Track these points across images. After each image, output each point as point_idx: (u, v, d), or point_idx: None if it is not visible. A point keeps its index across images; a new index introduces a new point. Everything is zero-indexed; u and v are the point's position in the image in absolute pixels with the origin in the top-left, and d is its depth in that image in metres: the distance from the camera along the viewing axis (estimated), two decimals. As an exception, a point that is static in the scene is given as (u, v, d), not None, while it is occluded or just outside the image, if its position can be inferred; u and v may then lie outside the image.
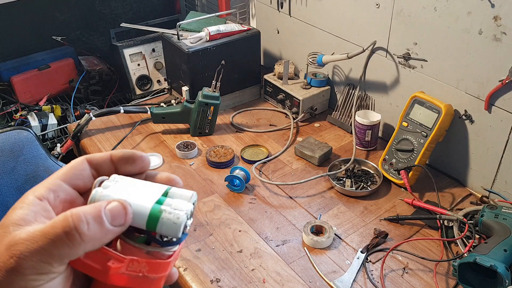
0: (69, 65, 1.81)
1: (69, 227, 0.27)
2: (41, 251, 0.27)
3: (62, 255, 0.28)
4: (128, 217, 0.30)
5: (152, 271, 0.31)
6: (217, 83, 1.32)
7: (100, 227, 0.29)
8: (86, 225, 0.28)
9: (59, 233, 0.27)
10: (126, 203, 0.31)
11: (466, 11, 1.00)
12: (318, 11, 1.40)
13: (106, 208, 0.29)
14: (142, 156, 0.35)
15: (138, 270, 0.31)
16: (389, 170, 1.16)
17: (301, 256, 0.97)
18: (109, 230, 0.29)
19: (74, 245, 0.27)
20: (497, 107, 1.02)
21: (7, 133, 0.96)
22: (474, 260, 0.82)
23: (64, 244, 0.27)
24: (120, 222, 0.30)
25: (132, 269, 0.31)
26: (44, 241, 0.27)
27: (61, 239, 0.27)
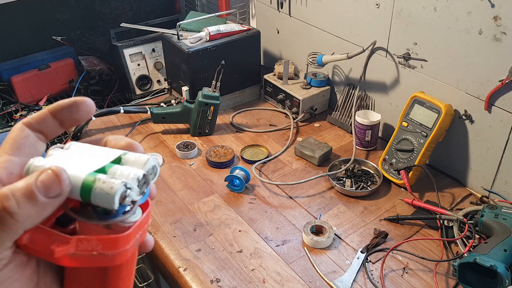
0: (69, 65, 1.81)
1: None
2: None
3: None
4: (64, 184, 0.26)
5: (107, 248, 0.28)
6: (217, 83, 1.32)
7: (33, 202, 0.25)
8: (16, 204, 0.25)
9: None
10: (59, 169, 0.27)
11: (466, 11, 1.00)
12: (318, 11, 1.40)
13: (38, 180, 0.26)
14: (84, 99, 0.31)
15: (90, 249, 0.28)
16: (389, 170, 1.16)
17: (301, 256, 0.97)
18: (45, 203, 0.26)
19: (8, 227, 0.25)
20: (497, 107, 1.02)
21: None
22: (474, 260, 0.82)
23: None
24: (55, 192, 0.26)
25: (82, 248, 0.28)
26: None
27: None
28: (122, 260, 0.29)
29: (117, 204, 0.27)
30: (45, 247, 0.27)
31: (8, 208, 0.25)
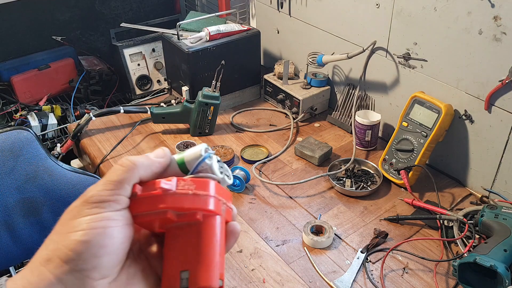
0: (69, 65, 1.81)
1: (122, 160, 0.36)
2: (105, 182, 0.34)
3: (121, 180, 0.35)
4: (166, 153, 0.38)
5: (199, 188, 0.35)
6: (217, 83, 1.32)
7: (146, 158, 0.37)
8: (135, 157, 0.36)
9: (117, 166, 0.36)
10: (165, 148, 0.39)
11: (466, 11, 1.00)
12: (318, 11, 1.40)
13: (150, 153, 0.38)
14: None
15: (186, 187, 0.35)
16: (389, 170, 1.16)
17: (301, 256, 0.97)
18: (154, 160, 0.37)
19: (129, 169, 0.35)
20: (497, 107, 1.02)
21: (7, 133, 0.96)
22: (474, 260, 0.82)
23: (121, 171, 0.35)
24: (160, 155, 0.38)
25: (181, 187, 0.35)
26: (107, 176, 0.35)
27: (118, 168, 0.35)
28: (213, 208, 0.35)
29: (203, 151, 0.38)
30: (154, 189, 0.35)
31: (131, 158, 0.36)
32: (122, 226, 0.34)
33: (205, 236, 0.35)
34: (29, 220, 0.98)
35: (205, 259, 0.35)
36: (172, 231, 0.36)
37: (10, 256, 0.98)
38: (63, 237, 0.33)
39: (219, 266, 0.35)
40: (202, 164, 0.38)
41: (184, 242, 0.36)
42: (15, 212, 0.96)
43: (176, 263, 0.35)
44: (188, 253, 0.35)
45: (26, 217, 0.97)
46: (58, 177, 0.99)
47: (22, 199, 0.96)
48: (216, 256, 0.35)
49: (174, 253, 0.36)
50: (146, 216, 0.35)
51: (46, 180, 0.98)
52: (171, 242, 0.36)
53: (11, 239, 0.96)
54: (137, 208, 0.35)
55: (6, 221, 0.95)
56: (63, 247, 0.32)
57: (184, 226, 0.36)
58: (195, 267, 0.35)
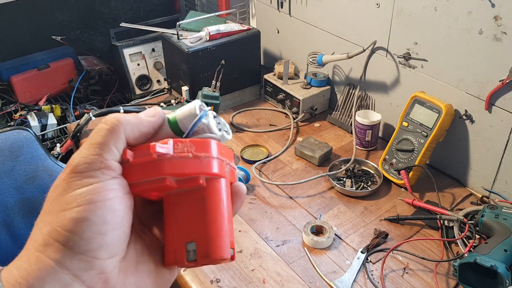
0: (68, 65, 1.81)
1: (106, 118, 0.31)
2: (90, 146, 0.30)
3: (107, 142, 0.30)
4: (157, 111, 0.34)
5: (199, 149, 0.32)
6: (217, 83, 1.31)
7: (134, 116, 0.32)
8: (121, 115, 0.32)
9: (100, 125, 0.31)
10: (157, 107, 0.34)
11: (467, 11, 1.00)
12: (318, 11, 1.40)
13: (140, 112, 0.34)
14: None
15: (185, 150, 0.31)
16: (389, 170, 1.16)
17: (301, 256, 0.96)
18: (143, 118, 0.33)
19: (113, 128, 0.31)
20: (498, 107, 1.02)
21: (7, 133, 0.96)
22: (475, 260, 0.82)
23: (106, 130, 0.30)
24: (151, 114, 0.33)
25: (179, 150, 0.31)
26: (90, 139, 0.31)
27: (102, 128, 0.31)
28: (217, 170, 0.32)
29: (198, 110, 0.33)
30: (149, 154, 0.31)
31: (116, 116, 0.31)
32: (122, 196, 0.30)
33: (210, 202, 0.32)
34: (28, 220, 0.97)
35: (213, 227, 0.32)
36: (171, 199, 0.33)
37: (10, 257, 0.97)
38: (57, 216, 0.29)
39: (228, 234, 0.32)
40: (198, 124, 0.33)
41: (186, 210, 0.32)
42: (15, 212, 0.96)
43: (180, 234, 0.32)
44: (193, 222, 0.32)
45: (25, 217, 0.97)
46: (58, 177, 0.99)
47: (21, 199, 0.96)
48: (225, 223, 0.32)
49: (177, 224, 0.32)
50: (140, 184, 0.31)
51: (46, 180, 0.98)
52: (172, 211, 0.33)
53: (11, 239, 0.96)
54: (131, 176, 0.31)
55: (6, 221, 0.95)
56: (59, 228, 0.28)
57: (185, 193, 0.32)
58: (202, 237, 0.31)
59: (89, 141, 0.30)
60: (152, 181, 0.31)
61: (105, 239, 0.29)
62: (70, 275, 0.28)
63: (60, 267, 0.28)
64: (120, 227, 0.30)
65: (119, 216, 0.30)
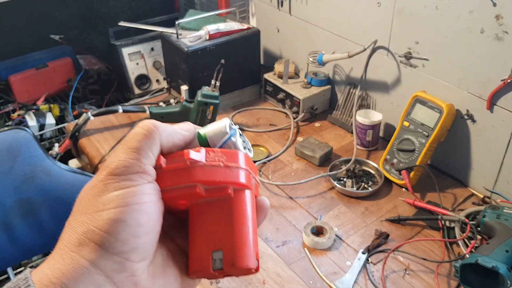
0: (67, 64, 1.80)
1: (144, 123, 0.32)
2: (128, 150, 0.31)
3: (145, 147, 0.31)
4: (191, 126, 0.35)
5: (230, 160, 0.33)
6: (216, 82, 1.31)
7: (169, 126, 0.34)
8: (158, 122, 0.33)
9: (138, 130, 0.32)
10: (190, 123, 0.36)
11: (468, 10, 0.99)
12: (319, 10, 1.39)
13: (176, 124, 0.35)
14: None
15: (216, 159, 0.32)
16: (390, 170, 1.15)
17: (301, 257, 0.96)
18: (177, 130, 0.34)
19: (151, 134, 0.32)
20: (499, 107, 1.01)
21: (5, 132, 0.95)
22: (476, 261, 0.81)
23: (144, 136, 0.31)
24: (186, 129, 0.35)
25: (211, 159, 0.32)
26: (128, 143, 0.32)
27: (139, 132, 0.32)
28: (245, 181, 0.33)
29: (228, 128, 0.35)
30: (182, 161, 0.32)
31: (154, 122, 0.33)
32: (156, 201, 0.31)
33: (237, 212, 0.33)
34: (27, 220, 0.97)
35: (240, 237, 0.32)
36: (199, 208, 0.33)
37: (8, 257, 0.97)
38: (93, 217, 0.29)
39: (254, 244, 0.33)
40: (228, 142, 0.35)
41: (213, 219, 0.33)
42: (13, 212, 0.95)
43: (206, 243, 0.32)
44: (219, 231, 0.32)
45: (24, 217, 0.96)
46: (56, 177, 0.98)
47: (19, 199, 0.95)
48: (251, 234, 0.33)
49: (203, 232, 0.33)
50: (171, 191, 0.32)
51: (44, 180, 0.97)
52: (198, 219, 0.33)
53: (9, 239, 0.95)
54: (163, 182, 0.32)
55: (4, 222, 0.94)
56: (95, 228, 0.29)
57: (212, 202, 0.33)
58: (229, 246, 0.32)
59: (127, 145, 0.31)
60: (183, 188, 0.32)
61: (138, 242, 0.29)
62: (103, 276, 0.28)
63: (95, 267, 0.28)
64: (152, 231, 0.31)
65: (153, 220, 0.31)
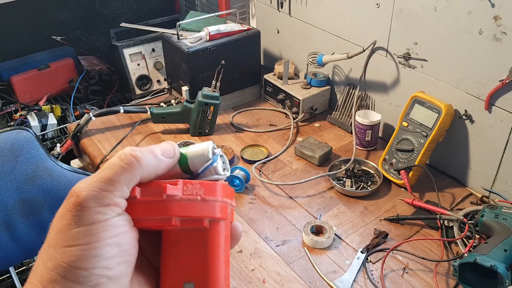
0: (68, 65, 1.81)
1: (125, 154, 0.30)
2: (102, 180, 0.29)
3: (121, 181, 0.30)
4: (176, 151, 0.34)
5: (208, 192, 0.32)
6: (217, 83, 1.32)
7: (153, 155, 0.32)
8: (141, 153, 0.31)
9: (116, 161, 0.30)
10: (173, 143, 0.34)
11: (466, 11, 1.00)
12: (318, 11, 1.40)
13: (158, 145, 0.33)
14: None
15: (194, 193, 0.32)
16: (389, 170, 1.16)
17: (301, 256, 0.96)
18: (161, 159, 0.32)
19: (131, 168, 0.30)
20: (497, 107, 1.02)
21: (7, 133, 0.96)
22: (474, 260, 0.82)
23: (122, 169, 0.30)
24: (169, 154, 0.33)
25: (188, 192, 0.32)
26: (103, 172, 0.30)
27: (120, 165, 0.30)
28: (221, 214, 0.32)
29: (211, 153, 0.34)
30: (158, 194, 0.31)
31: (135, 154, 0.31)
32: (129, 231, 0.30)
33: (211, 245, 0.33)
34: (28, 220, 0.97)
35: (212, 271, 0.32)
36: (172, 236, 0.33)
37: (10, 256, 0.97)
38: (63, 251, 0.28)
39: (226, 278, 0.33)
40: (209, 168, 0.34)
41: (187, 249, 0.33)
42: (15, 212, 0.96)
43: (178, 273, 0.32)
44: (192, 262, 0.32)
45: (25, 217, 0.97)
46: (58, 177, 0.99)
47: (21, 199, 0.96)
48: (224, 267, 0.33)
49: (176, 262, 0.33)
50: (144, 221, 0.32)
51: (46, 180, 0.98)
52: (171, 248, 0.33)
53: (11, 239, 0.96)
54: (136, 213, 0.31)
55: (6, 221, 0.95)
56: (66, 264, 0.28)
57: (187, 231, 0.33)
58: (201, 279, 0.32)
59: (102, 175, 0.30)
60: (157, 220, 0.31)
61: (113, 272, 0.29)
62: None
63: None
64: (128, 261, 0.30)
65: (127, 250, 0.30)
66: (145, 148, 0.32)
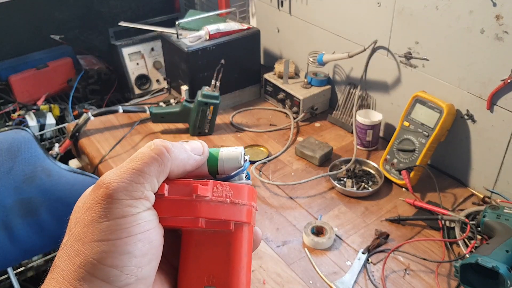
0: (67, 64, 1.80)
1: (155, 144, 0.30)
2: (132, 171, 0.28)
3: (151, 172, 0.29)
4: (205, 149, 0.33)
5: (237, 195, 0.32)
6: (216, 82, 1.31)
7: (182, 150, 0.31)
8: (170, 144, 0.30)
9: (147, 151, 0.29)
10: (203, 142, 0.34)
11: (468, 10, 0.99)
12: (319, 10, 1.39)
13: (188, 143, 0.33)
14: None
15: (224, 195, 0.31)
16: (390, 170, 1.16)
17: (301, 257, 0.96)
18: (191, 155, 0.31)
19: (162, 159, 0.29)
20: (499, 107, 1.01)
21: (5, 133, 0.96)
22: (476, 261, 0.81)
23: (154, 160, 0.29)
24: (199, 152, 0.32)
25: (217, 194, 0.31)
26: (133, 163, 0.29)
27: (151, 156, 0.29)
28: (247, 218, 0.32)
29: (243, 159, 0.34)
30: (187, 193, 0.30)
31: (166, 145, 0.30)
32: (157, 227, 0.29)
33: (235, 249, 0.32)
34: (27, 220, 0.97)
35: (234, 275, 0.31)
36: (194, 236, 0.32)
37: (8, 257, 0.97)
38: (91, 247, 0.27)
39: (247, 283, 0.32)
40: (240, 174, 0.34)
41: (209, 252, 0.32)
42: (13, 212, 0.95)
43: (199, 276, 0.31)
44: (215, 266, 0.31)
45: (24, 217, 0.96)
46: (56, 178, 0.98)
47: (20, 199, 0.95)
48: (245, 272, 0.32)
49: (196, 264, 0.32)
50: (171, 220, 0.30)
51: (44, 180, 0.97)
52: (193, 249, 0.32)
53: (9, 239, 0.95)
54: (163, 210, 0.30)
55: (4, 222, 0.94)
56: (96, 261, 0.26)
57: (209, 233, 0.32)
58: (223, 284, 0.31)
59: (132, 165, 0.28)
60: (184, 219, 0.31)
61: (143, 272, 0.28)
62: None
63: None
64: (155, 258, 0.29)
65: (155, 247, 0.29)
66: (175, 142, 0.31)
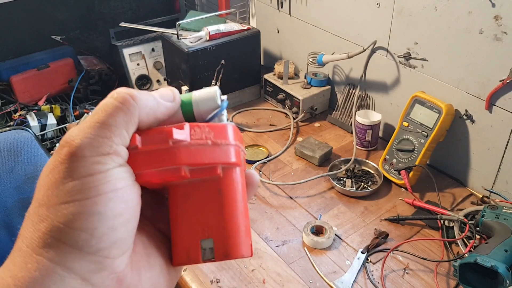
0: (68, 65, 1.81)
1: (118, 92, 0.26)
2: (95, 125, 0.25)
3: (118, 124, 0.25)
4: (176, 95, 0.30)
5: (219, 136, 0.28)
6: (217, 82, 1.31)
7: (150, 97, 0.28)
8: (137, 92, 0.27)
9: (109, 101, 0.26)
10: (174, 88, 0.31)
11: (467, 11, 1.00)
12: (319, 11, 1.40)
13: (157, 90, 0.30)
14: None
15: (203, 137, 0.28)
16: (390, 170, 1.16)
17: (301, 257, 0.96)
18: (160, 102, 0.28)
19: (127, 107, 0.26)
20: (498, 107, 1.02)
21: (6, 133, 0.96)
22: (475, 261, 0.82)
23: (118, 109, 0.26)
24: (169, 98, 0.29)
25: (196, 137, 0.28)
26: (95, 116, 0.25)
27: (114, 105, 0.26)
28: (236, 159, 0.29)
29: (219, 99, 0.30)
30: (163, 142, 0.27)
31: (130, 92, 0.26)
32: (132, 185, 0.26)
33: (228, 195, 0.29)
34: (28, 220, 0.97)
35: (232, 224, 0.29)
36: (181, 190, 0.29)
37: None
38: (56, 210, 0.24)
39: (247, 230, 0.30)
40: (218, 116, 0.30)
41: (200, 203, 0.29)
42: (14, 212, 0.95)
43: (193, 230, 0.29)
44: (208, 217, 0.29)
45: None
46: (57, 177, 0.99)
47: (21, 199, 0.96)
48: (242, 217, 0.29)
49: (188, 218, 0.29)
50: (149, 174, 0.27)
51: (45, 180, 0.97)
52: (181, 204, 0.29)
53: (10, 239, 0.96)
54: (139, 165, 0.27)
55: (5, 222, 0.95)
56: (62, 225, 0.23)
57: (197, 183, 0.29)
58: (220, 234, 0.28)
59: (95, 119, 0.25)
60: (163, 171, 0.27)
61: (117, 235, 0.25)
62: (79, 279, 0.24)
63: (68, 271, 0.24)
64: (132, 220, 0.26)
65: (131, 207, 0.26)
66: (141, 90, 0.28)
